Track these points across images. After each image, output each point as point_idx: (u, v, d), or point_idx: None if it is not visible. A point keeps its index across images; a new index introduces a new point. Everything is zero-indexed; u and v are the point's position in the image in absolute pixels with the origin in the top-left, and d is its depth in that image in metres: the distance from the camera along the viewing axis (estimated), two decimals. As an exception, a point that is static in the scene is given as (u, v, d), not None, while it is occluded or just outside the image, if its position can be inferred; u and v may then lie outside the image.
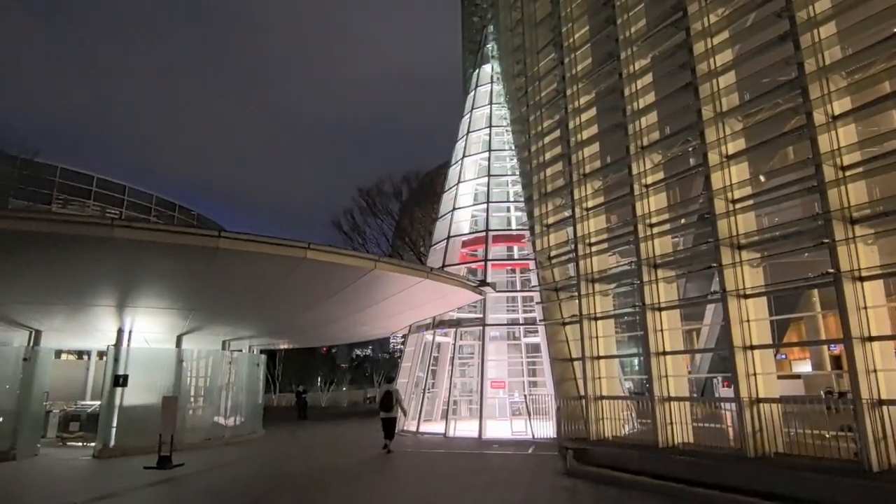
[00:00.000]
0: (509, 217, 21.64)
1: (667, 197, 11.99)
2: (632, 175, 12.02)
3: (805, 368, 22.07)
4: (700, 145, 10.63)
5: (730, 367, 9.67)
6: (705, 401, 13.87)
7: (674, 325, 11.36)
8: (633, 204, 11.90)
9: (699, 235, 11.51)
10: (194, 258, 11.63)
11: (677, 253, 11.91)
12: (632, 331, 17.63)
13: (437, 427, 18.11)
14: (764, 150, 10.34)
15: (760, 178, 10.47)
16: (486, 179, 21.20)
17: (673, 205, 11.94)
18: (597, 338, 12.76)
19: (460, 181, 21.91)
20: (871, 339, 8.17)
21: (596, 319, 12.83)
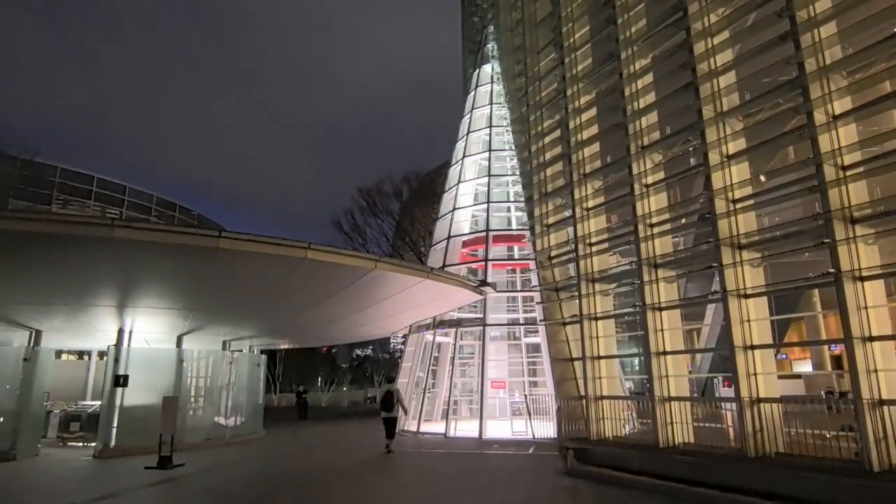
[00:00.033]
0: (510, 217, 21.63)
1: (667, 197, 12.00)
2: (632, 175, 12.03)
3: (806, 368, 22.05)
4: (700, 145, 10.63)
5: (730, 367, 9.67)
6: (706, 401, 13.86)
7: (674, 324, 11.36)
8: (633, 204, 11.90)
9: (699, 235, 11.51)
10: (195, 258, 11.63)
11: (678, 253, 11.91)
12: (632, 331, 17.63)
13: (438, 427, 18.10)
14: (764, 150, 10.34)
15: (761, 177, 10.47)
16: (486, 179, 21.20)
17: (673, 204, 11.94)
18: (597, 338, 12.76)
19: (460, 181, 21.91)
20: (872, 338, 8.18)
21: (596, 319, 12.83)
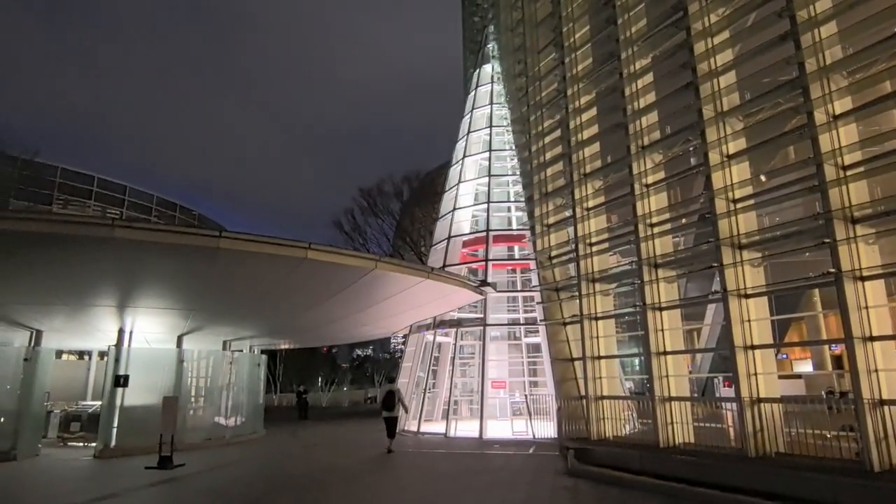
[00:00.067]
0: (510, 217, 21.62)
1: (667, 196, 11.99)
2: (632, 175, 12.02)
3: (806, 368, 22.04)
4: (701, 145, 10.63)
5: (731, 367, 9.66)
6: (706, 400, 13.86)
7: (674, 324, 11.36)
8: (633, 203, 11.90)
9: (700, 235, 11.51)
10: (195, 258, 11.63)
11: (678, 253, 11.90)
12: (632, 331, 17.61)
13: (438, 427, 18.10)
14: (765, 150, 10.34)
15: (761, 177, 10.47)
16: (486, 179, 21.19)
17: (674, 204, 11.94)
18: (597, 338, 12.76)
19: (461, 181, 21.90)
20: (873, 338, 8.17)
21: (597, 319, 12.83)
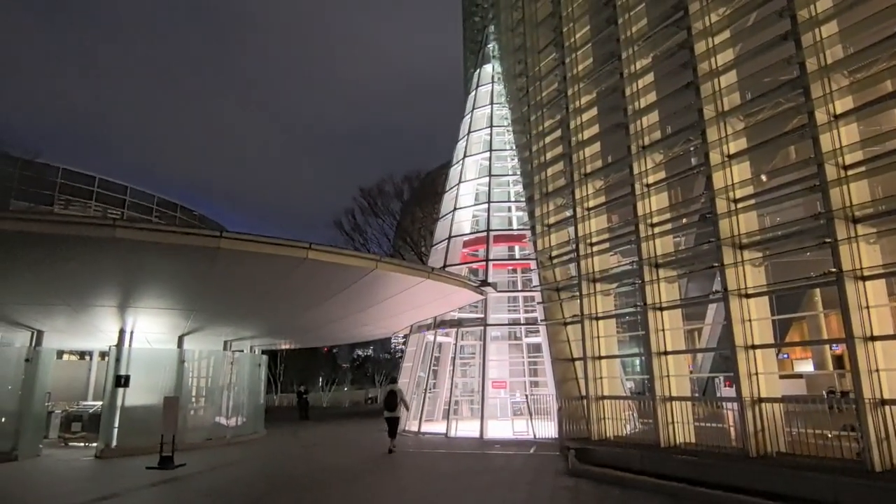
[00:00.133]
0: (510, 217, 21.60)
1: (668, 196, 12.00)
2: (633, 175, 12.02)
3: (807, 368, 22.00)
4: (701, 145, 10.63)
5: (731, 367, 9.66)
6: (707, 400, 13.84)
7: (675, 324, 11.36)
8: (634, 203, 11.90)
9: (701, 235, 11.50)
10: (196, 258, 11.64)
11: (679, 252, 11.90)
12: (633, 330, 17.59)
13: (439, 427, 18.09)
14: (765, 150, 10.34)
15: (762, 177, 10.47)
16: (487, 179, 21.18)
17: (674, 204, 11.94)
18: (598, 338, 12.76)
19: (461, 181, 21.89)
20: (874, 338, 8.17)
21: (597, 319, 12.83)
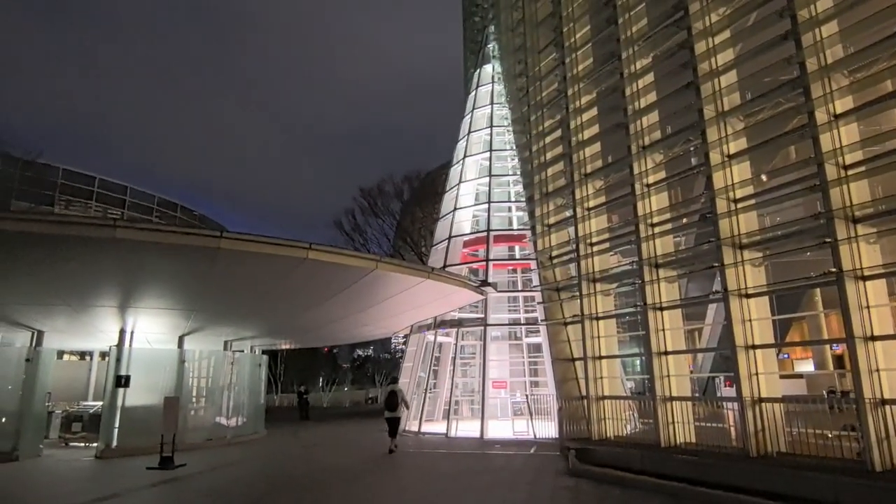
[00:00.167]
0: (510, 217, 21.60)
1: (668, 196, 12.00)
2: (633, 175, 12.02)
3: (807, 368, 21.99)
4: (701, 145, 10.63)
5: (732, 367, 9.66)
6: (707, 400, 13.83)
7: (675, 324, 11.36)
8: (634, 203, 11.90)
9: (701, 235, 11.51)
10: (196, 258, 11.64)
11: (679, 252, 11.90)
12: (633, 330, 17.58)
13: (439, 427, 18.09)
14: (766, 150, 10.34)
15: (762, 177, 10.47)
16: (487, 179, 21.18)
17: (674, 204, 11.94)
18: (598, 338, 12.76)
19: (461, 181, 21.89)
20: (874, 338, 8.17)
21: (597, 319, 12.83)
